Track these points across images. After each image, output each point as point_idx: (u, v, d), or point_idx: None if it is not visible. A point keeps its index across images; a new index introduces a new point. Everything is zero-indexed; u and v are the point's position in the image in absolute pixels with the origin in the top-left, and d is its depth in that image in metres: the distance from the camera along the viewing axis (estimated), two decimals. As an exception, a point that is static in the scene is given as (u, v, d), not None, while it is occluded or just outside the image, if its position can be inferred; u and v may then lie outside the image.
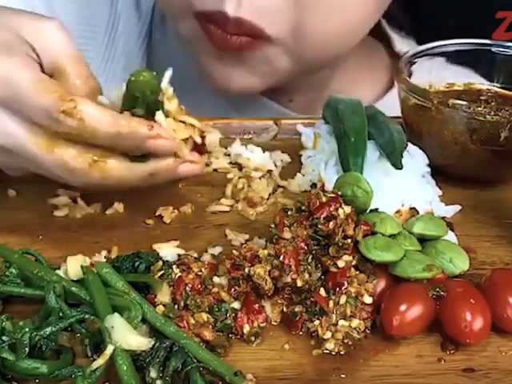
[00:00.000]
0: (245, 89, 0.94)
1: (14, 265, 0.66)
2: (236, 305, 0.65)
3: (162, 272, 0.66)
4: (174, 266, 0.67)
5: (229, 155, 0.91)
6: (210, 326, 0.63)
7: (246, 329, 0.64)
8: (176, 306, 0.64)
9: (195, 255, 0.71)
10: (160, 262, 0.67)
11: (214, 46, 0.87)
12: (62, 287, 0.63)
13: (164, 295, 0.64)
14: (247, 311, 0.65)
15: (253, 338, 0.64)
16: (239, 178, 0.86)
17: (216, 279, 0.67)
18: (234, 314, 0.64)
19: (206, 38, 0.87)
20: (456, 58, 0.94)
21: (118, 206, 0.81)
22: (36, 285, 0.65)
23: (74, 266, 0.66)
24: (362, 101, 0.91)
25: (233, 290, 0.66)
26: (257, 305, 0.65)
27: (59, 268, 0.68)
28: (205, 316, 0.63)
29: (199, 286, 0.65)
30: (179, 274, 0.66)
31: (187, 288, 0.65)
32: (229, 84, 0.93)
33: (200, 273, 0.66)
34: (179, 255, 0.71)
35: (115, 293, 0.63)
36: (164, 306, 0.63)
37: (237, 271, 0.66)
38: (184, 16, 0.89)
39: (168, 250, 0.72)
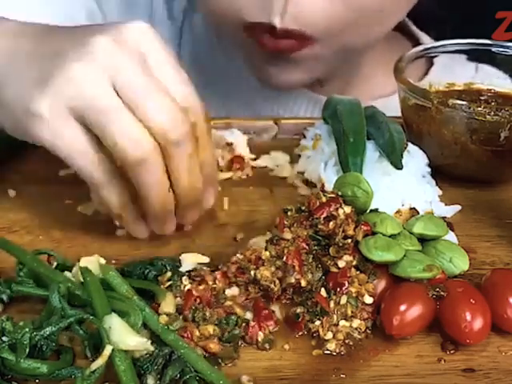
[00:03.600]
0: (296, 85, 1.02)
1: (26, 265, 0.66)
2: (248, 315, 0.65)
3: (170, 283, 0.66)
4: (184, 278, 0.66)
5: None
6: (217, 338, 0.62)
7: (261, 336, 0.63)
8: (181, 317, 0.63)
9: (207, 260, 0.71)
10: (168, 273, 0.67)
11: (266, 51, 0.94)
12: (67, 288, 0.63)
13: (168, 305, 0.63)
14: (258, 319, 0.64)
15: (267, 346, 0.63)
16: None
17: (228, 292, 0.66)
18: (244, 324, 0.64)
19: (256, 44, 0.94)
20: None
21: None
22: (46, 285, 0.65)
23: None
24: (388, 88, 0.95)
25: (243, 298, 0.66)
26: (266, 311, 0.65)
27: (70, 269, 0.67)
28: (211, 328, 0.62)
29: (210, 298, 0.65)
30: (188, 287, 0.65)
31: (196, 302, 0.64)
32: (282, 82, 1.00)
33: (214, 285, 0.66)
34: (195, 268, 0.69)
35: (117, 297, 0.63)
36: (167, 316, 0.62)
37: (243, 275, 0.66)
38: (234, 29, 0.95)
39: (192, 259, 0.71)
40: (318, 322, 0.64)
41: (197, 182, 0.70)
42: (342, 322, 0.64)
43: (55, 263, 0.68)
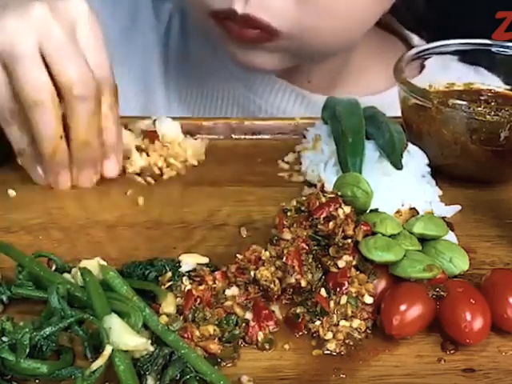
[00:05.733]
0: (268, 68, 1.02)
1: (26, 268, 0.66)
2: (248, 315, 0.64)
3: (170, 283, 0.66)
4: (185, 278, 0.66)
5: None
6: (217, 338, 0.62)
7: (261, 336, 0.63)
8: (182, 317, 0.63)
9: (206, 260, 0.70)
10: (169, 274, 0.67)
11: (232, 39, 0.96)
12: (66, 289, 0.63)
13: (168, 306, 0.63)
14: (258, 318, 0.64)
15: (267, 346, 0.63)
16: None
17: (228, 292, 0.66)
18: (244, 324, 0.64)
19: (223, 32, 0.96)
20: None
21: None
22: (45, 287, 0.65)
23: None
24: (376, 87, 0.95)
25: (243, 298, 0.65)
26: (266, 311, 0.65)
27: (70, 271, 0.67)
28: (211, 329, 0.62)
29: (210, 298, 0.65)
30: (189, 287, 0.65)
31: (196, 302, 0.64)
32: (253, 65, 1.01)
33: (214, 285, 0.66)
34: (195, 268, 0.69)
35: (117, 297, 0.62)
36: (168, 316, 0.62)
37: (243, 275, 0.66)
38: (202, 16, 0.98)
39: (191, 260, 0.70)
40: (318, 322, 0.64)
41: (92, 138, 0.80)
42: (342, 322, 0.64)
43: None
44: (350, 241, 0.66)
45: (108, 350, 0.57)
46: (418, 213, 0.75)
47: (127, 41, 1.14)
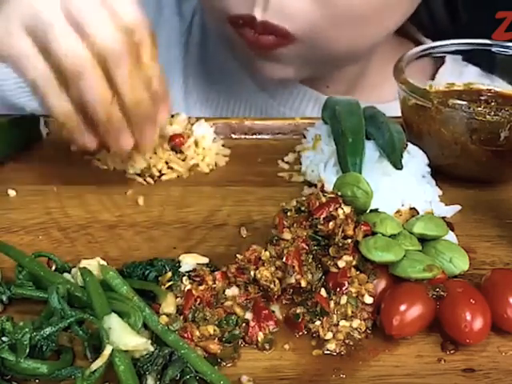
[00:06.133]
0: (281, 78, 1.05)
1: (26, 268, 0.66)
2: (248, 315, 0.65)
3: (170, 283, 0.66)
4: (185, 278, 0.66)
5: None
6: (217, 338, 0.62)
7: (260, 336, 0.63)
8: (182, 317, 0.63)
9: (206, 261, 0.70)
10: (169, 274, 0.67)
11: (248, 46, 0.97)
12: (66, 289, 0.63)
13: (168, 306, 0.63)
14: (258, 319, 0.64)
15: (267, 346, 0.63)
16: None
17: (228, 292, 0.66)
18: (244, 324, 0.64)
19: (240, 39, 0.98)
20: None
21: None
22: (45, 287, 0.65)
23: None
24: (394, 94, 0.95)
25: (243, 298, 0.65)
26: (266, 311, 0.65)
27: (69, 271, 0.67)
28: (211, 329, 0.62)
29: (210, 299, 0.65)
30: (188, 287, 0.65)
31: (196, 302, 0.64)
32: (267, 75, 1.03)
33: (214, 285, 0.66)
34: (195, 268, 0.69)
35: (117, 297, 0.62)
36: (168, 316, 0.63)
37: (243, 275, 0.66)
38: (220, 21, 0.99)
39: (191, 260, 0.70)
40: (318, 322, 0.64)
41: (141, 97, 0.76)
42: (342, 322, 0.64)
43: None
44: (349, 241, 0.66)
45: (108, 349, 0.57)
46: (418, 213, 0.75)
47: None
